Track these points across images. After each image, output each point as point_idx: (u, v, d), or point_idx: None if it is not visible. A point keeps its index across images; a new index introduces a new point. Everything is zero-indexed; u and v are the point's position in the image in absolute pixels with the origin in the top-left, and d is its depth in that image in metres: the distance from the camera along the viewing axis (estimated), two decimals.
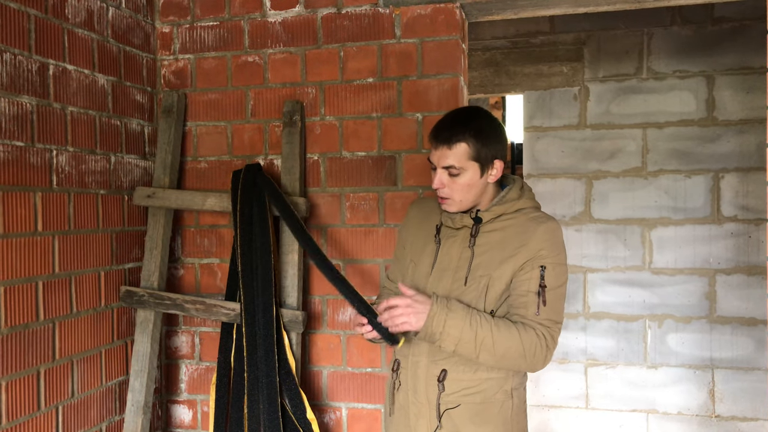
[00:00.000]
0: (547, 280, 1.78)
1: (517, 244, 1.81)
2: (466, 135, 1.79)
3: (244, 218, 2.43)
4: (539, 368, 1.80)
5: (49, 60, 2.18)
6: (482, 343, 1.73)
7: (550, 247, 1.81)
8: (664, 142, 4.04)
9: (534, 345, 1.76)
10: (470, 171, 1.81)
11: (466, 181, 1.81)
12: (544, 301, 1.77)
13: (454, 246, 1.88)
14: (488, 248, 1.83)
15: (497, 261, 1.81)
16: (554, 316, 1.80)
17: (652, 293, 4.07)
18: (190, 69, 2.73)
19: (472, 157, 1.80)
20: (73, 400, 2.29)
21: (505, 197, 1.88)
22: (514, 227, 1.84)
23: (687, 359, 4.01)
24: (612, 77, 4.12)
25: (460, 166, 1.79)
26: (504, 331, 1.74)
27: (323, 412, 2.64)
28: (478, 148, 1.79)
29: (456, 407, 1.84)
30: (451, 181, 1.82)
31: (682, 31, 3.99)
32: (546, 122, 4.24)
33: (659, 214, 4.05)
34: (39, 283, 2.13)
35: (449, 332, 1.73)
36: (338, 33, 2.58)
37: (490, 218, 1.86)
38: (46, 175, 2.17)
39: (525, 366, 1.80)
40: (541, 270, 1.78)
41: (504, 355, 1.75)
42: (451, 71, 2.48)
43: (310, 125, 2.62)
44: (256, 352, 2.34)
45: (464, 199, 1.84)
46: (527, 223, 1.83)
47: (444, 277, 1.87)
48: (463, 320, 1.73)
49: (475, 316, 1.75)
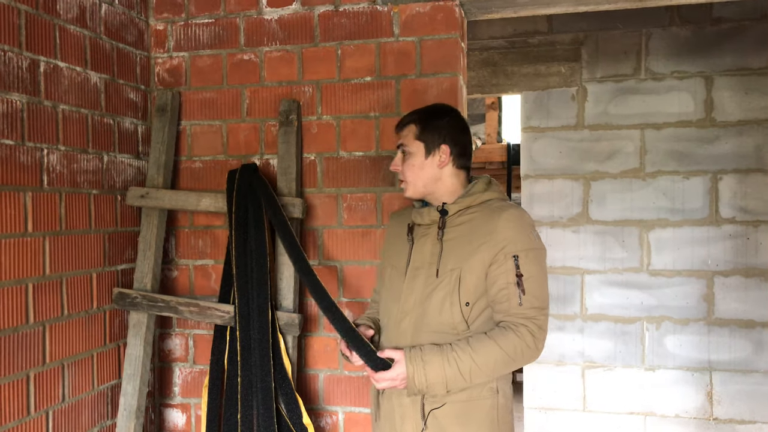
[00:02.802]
0: (523, 269, 1.78)
1: (483, 234, 1.82)
2: (414, 117, 1.93)
3: (239, 219, 2.39)
4: (533, 360, 1.81)
5: (39, 57, 2.13)
6: (470, 372, 1.75)
7: (516, 234, 1.81)
8: (663, 143, 4.01)
9: (517, 347, 1.76)
10: (418, 152, 1.90)
11: (416, 162, 1.90)
12: (523, 291, 1.77)
13: (426, 243, 1.91)
14: (457, 241, 1.86)
15: (466, 253, 1.83)
16: (538, 303, 1.79)
17: (650, 295, 4.04)
18: (184, 67, 2.68)
19: (417, 137, 1.90)
20: (63, 405, 2.24)
21: (471, 190, 1.91)
22: (479, 218, 1.86)
23: (685, 361, 3.98)
24: (610, 78, 4.10)
25: (407, 144, 1.91)
26: (482, 350, 1.75)
27: (319, 416, 2.60)
28: (423, 128, 1.90)
29: (441, 407, 1.83)
30: (403, 162, 1.93)
31: (680, 32, 3.96)
32: (543, 123, 4.20)
33: (657, 216, 4.02)
34: (29, 285, 2.08)
35: (434, 382, 1.75)
36: (335, 31, 2.54)
37: (457, 210, 1.88)
38: (36, 175, 2.12)
39: (518, 366, 1.81)
40: (515, 260, 1.78)
41: (494, 370, 1.77)
42: (450, 70, 2.44)
43: (307, 125, 2.58)
44: (251, 355, 2.29)
45: (415, 180, 1.91)
46: (492, 212, 1.85)
47: (418, 275, 1.89)
48: (440, 366, 1.74)
49: (449, 353, 1.75)
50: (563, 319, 4.13)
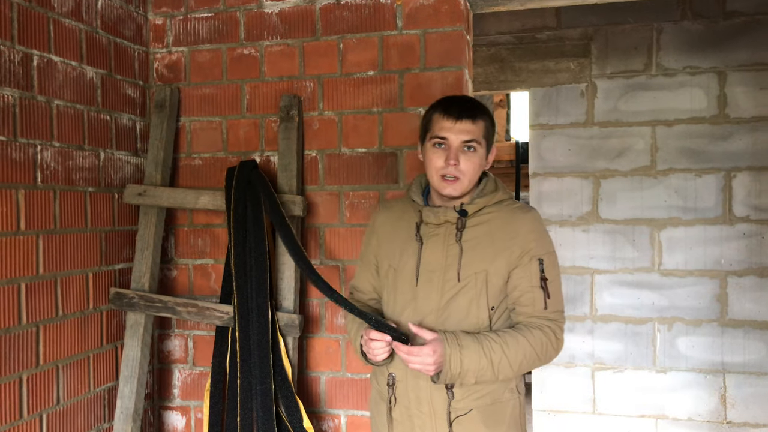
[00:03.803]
0: (548, 272, 1.76)
1: (506, 236, 1.77)
2: (485, 113, 1.80)
3: (237, 217, 2.33)
4: (553, 359, 1.80)
5: (33, 51, 2.07)
6: (499, 366, 1.70)
7: (539, 237, 1.79)
8: (674, 140, 3.92)
9: (544, 344, 1.75)
10: (481, 150, 1.79)
11: (478, 160, 1.78)
12: (548, 294, 1.75)
13: (438, 243, 1.79)
14: (477, 242, 1.77)
15: (490, 255, 1.76)
16: (559, 306, 1.79)
17: (662, 295, 3.95)
18: (183, 62, 2.63)
19: (486, 136, 1.80)
20: (58, 408, 2.18)
21: (485, 189, 1.84)
22: (498, 219, 1.80)
23: (697, 363, 3.89)
24: (620, 73, 4.01)
25: (479, 140, 1.77)
26: (514, 345, 1.71)
27: (321, 419, 2.53)
28: (489, 128, 1.81)
29: (468, 413, 1.76)
30: (466, 158, 1.76)
31: (692, 26, 3.87)
32: (552, 120, 4.12)
33: (669, 215, 3.93)
34: (21, 284, 2.03)
35: (468, 368, 1.68)
36: (337, 24, 2.47)
37: (475, 210, 1.80)
38: (29, 172, 2.06)
39: (541, 365, 1.79)
40: (540, 263, 1.76)
41: (521, 366, 1.74)
42: (456, 64, 2.37)
43: (308, 120, 2.51)
44: (250, 357, 2.23)
45: (472, 179, 1.79)
46: (511, 214, 1.80)
47: (433, 278, 1.78)
48: (477, 352, 1.68)
49: (484, 342, 1.69)
50: (573, 320, 4.05)
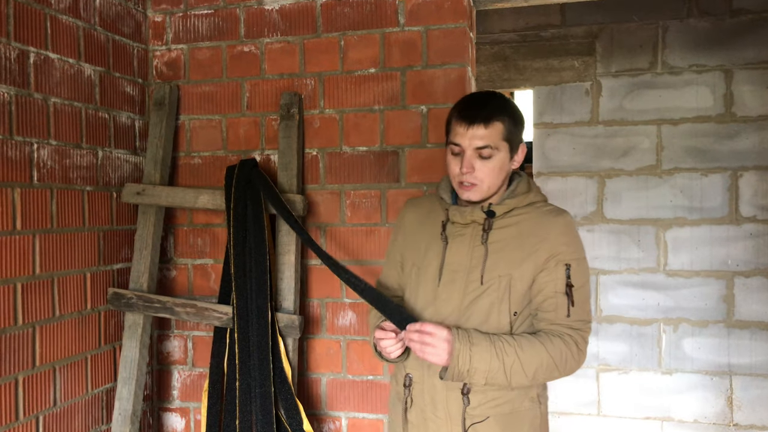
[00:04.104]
0: (574, 279, 1.67)
1: (535, 240, 1.69)
2: (503, 113, 1.69)
3: (237, 216, 2.29)
4: (574, 371, 1.71)
5: (29, 47, 2.04)
6: (512, 370, 1.62)
7: (570, 242, 1.70)
8: (680, 139, 3.88)
9: (563, 354, 1.66)
10: (502, 152, 1.69)
11: (498, 163, 1.69)
12: (572, 302, 1.67)
13: (464, 244, 1.73)
14: (504, 245, 1.70)
15: (517, 259, 1.68)
16: (584, 315, 1.70)
17: (667, 296, 3.91)
18: (183, 60, 2.59)
19: (506, 137, 1.69)
20: (55, 409, 2.15)
21: (516, 190, 1.76)
22: (528, 222, 1.72)
23: (703, 365, 3.85)
24: (625, 72, 3.97)
25: (495, 145, 1.67)
26: (530, 350, 1.63)
27: (322, 421, 2.50)
28: (511, 128, 1.70)
29: (485, 420, 1.70)
30: (481, 164, 1.68)
31: (698, 24, 3.83)
32: (556, 118, 4.08)
33: (674, 214, 3.89)
34: (18, 284, 2.00)
35: (477, 367, 1.61)
36: (338, 21, 2.44)
37: (503, 212, 1.72)
38: (26, 170, 2.03)
39: (559, 376, 1.70)
40: (567, 269, 1.67)
41: (536, 374, 1.65)
42: (458, 61, 2.33)
43: (309, 119, 2.48)
44: (249, 359, 2.20)
45: (492, 184, 1.71)
46: (542, 217, 1.72)
47: (456, 279, 1.72)
48: (488, 351, 1.61)
49: (497, 343, 1.63)
50: None
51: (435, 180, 2.35)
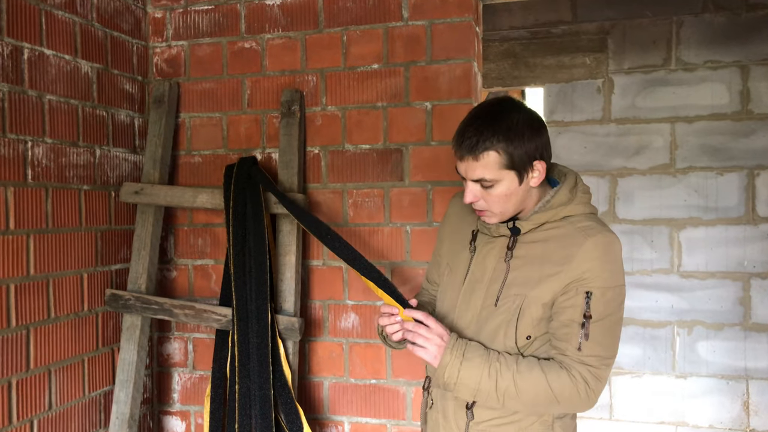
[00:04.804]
0: (594, 309, 1.48)
1: (560, 259, 1.51)
2: (493, 141, 1.46)
3: (236, 216, 2.24)
4: (582, 410, 1.54)
5: (23, 43, 2.00)
6: (505, 393, 1.50)
7: (599, 266, 1.49)
8: (695, 138, 3.79)
9: (567, 389, 1.49)
10: (506, 180, 1.50)
11: (503, 191, 1.51)
12: (587, 335, 1.48)
13: (491, 255, 1.61)
14: (526, 262, 1.55)
15: (535, 279, 1.52)
16: (602, 351, 1.50)
17: (681, 298, 3.82)
18: (183, 56, 2.54)
19: (506, 166, 1.48)
20: (50, 413, 2.11)
21: (551, 202, 1.56)
22: (557, 239, 1.53)
23: (719, 369, 3.75)
24: (638, 68, 3.88)
25: (492, 177, 1.49)
26: (528, 377, 1.50)
27: (324, 426, 2.44)
28: (511, 154, 1.47)
29: None
30: (485, 193, 1.52)
31: (714, 19, 3.73)
32: (568, 117, 4.00)
33: (689, 214, 3.80)
34: (10, 285, 1.96)
35: (464, 383, 1.51)
36: (341, 16, 2.37)
37: (530, 228, 1.56)
38: (19, 169, 1.99)
39: (561, 410, 1.54)
40: (587, 297, 1.48)
41: (533, 403, 1.51)
42: (464, 56, 2.27)
43: (311, 116, 2.42)
44: (249, 362, 2.14)
45: (505, 210, 1.55)
46: (574, 234, 1.52)
47: (476, 290, 1.61)
48: (479, 369, 1.50)
49: (494, 363, 1.51)
50: None
51: (440, 179, 2.29)
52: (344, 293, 2.40)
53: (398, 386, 2.36)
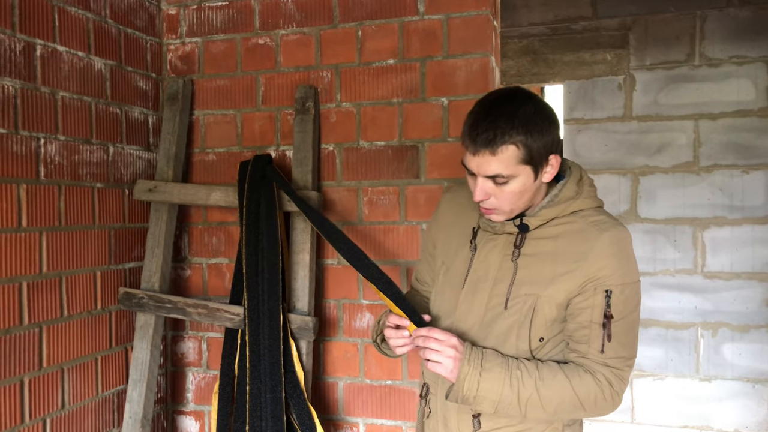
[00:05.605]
0: (615, 308, 1.42)
1: (573, 256, 1.45)
2: (513, 134, 1.37)
3: (250, 214, 2.21)
4: (606, 414, 1.49)
5: (36, 39, 1.99)
6: (527, 403, 1.43)
7: (616, 263, 1.43)
8: (719, 135, 3.70)
9: (592, 393, 1.44)
10: (522, 176, 1.41)
11: (517, 188, 1.42)
12: (609, 336, 1.42)
13: (493, 252, 1.53)
14: (536, 260, 1.48)
15: (548, 277, 1.46)
16: (624, 352, 1.46)
17: (705, 299, 3.73)
18: (197, 53, 2.52)
19: (524, 161, 1.40)
20: (63, 412, 2.09)
21: (558, 196, 1.50)
22: (569, 235, 1.47)
23: (745, 372, 3.66)
24: (660, 65, 3.80)
25: (509, 173, 1.40)
26: (551, 384, 1.43)
27: (339, 427, 2.40)
28: (530, 147, 1.38)
29: None
30: (497, 190, 1.43)
31: (739, 13, 3.64)
32: (588, 114, 3.93)
33: (713, 213, 3.71)
34: (23, 283, 1.94)
35: (485, 395, 1.43)
36: (355, 10, 2.34)
37: (539, 224, 1.50)
38: (32, 166, 1.97)
39: (585, 415, 1.48)
40: (607, 295, 1.42)
41: (556, 410, 1.45)
42: (481, 50, 2.22)
43: (325, 112, 2.38)
44: (260, 362, 2.11)
45: (515, 208, 1.47)
46: (587, 229, 1.46)
47: (479, 290, 1.53)
48: (500, 380, 1.42)
49: (515, 371, 1.43)
50: None
51: (457, 176, 2.24)
52: (359, 292, 2.36)
53: (414, 388, 2.31)
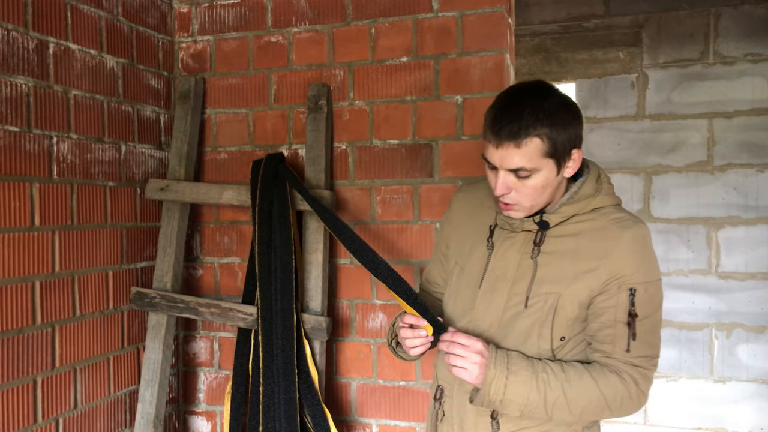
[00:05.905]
0: (639, 307, 1.40)
1: (596, 254, 1.42)
2: (538, 127, 1.35)
3: (262, 213, 2.19)
4: (631, 414, 1.47)
5: (48, 38, 1.97)
6: (554, 405, 1.40)
7: (639, 261, 1.42)
8: (733, 134, 3.66)
9: (619, 394, 1.42)
10: (545, 170, 1.39)
11: (540, 182, 1.40)
12: (634, 335, 1.40)
13: (512, 250, 1.51)
14: (556, 258, 1.46)
15: (570, 275, 1.43)
16: (649, 351, 1.43)
17: (719, 300, 3.69)
18: (209, 51, 2.51)
19: (548, 154, 1.37)
20: (75, 412, 2.08)
21: (578, 193, 1.48)
22: (590, 232, 1.45)
23: (760, 373, 3.62)
24: (674, 63, 3.77)
25: (532, 167, 1.38)
26: (578, 385, 1.40)
27: (352, 428, 2.38)
28: (554, 140, 1.37)
29: None
30: (519, 184, 1.41)
31: (754, 10, 3.60)
32: (600, 113, 3.90)
33: (727, 213, 3.67)
34: (36, 283, 1.93)
35: (512, 399, 1.40)
36: (369, 8, 2.32)
37: (559, 222, 1.48)
38: (45, 164, 1.96)
39: (611, 415, 1.46)
40: (631, 294, 1.40)
41: (583, 412, 1.43)
42: (496, 47, 2.19)
43: (338, 111, 2.37)
44: (273, 363, 2.09)
45: (536, 203, 1.45)
46: (609, 227, 1.44)
47: (498, 288, 1.50)
48: (527, 383, 1.39)
49: (541, 374, 1.40)
50: None
51: (471, 174, 2.22)
52: (372, 292, 2.34)
53: (428, 389, 2.29)
